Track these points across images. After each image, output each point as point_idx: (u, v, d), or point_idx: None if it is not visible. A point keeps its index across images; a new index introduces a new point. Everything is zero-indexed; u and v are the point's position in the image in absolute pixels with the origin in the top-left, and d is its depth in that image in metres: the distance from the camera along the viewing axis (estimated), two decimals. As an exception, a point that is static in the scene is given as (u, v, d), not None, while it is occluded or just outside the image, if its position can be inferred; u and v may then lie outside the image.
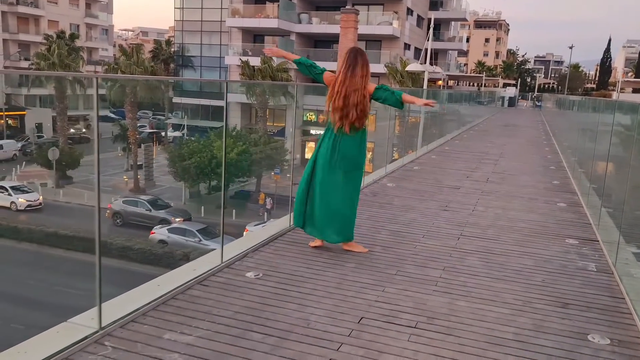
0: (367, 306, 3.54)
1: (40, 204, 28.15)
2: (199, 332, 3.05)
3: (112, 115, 57.74)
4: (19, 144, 41.32)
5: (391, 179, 8.24)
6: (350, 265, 4.29)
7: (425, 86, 23.21)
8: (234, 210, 29.14)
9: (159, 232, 22.70)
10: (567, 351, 3.08)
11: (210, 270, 3.93)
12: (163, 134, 49.89)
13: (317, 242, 4.67)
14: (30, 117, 46.78)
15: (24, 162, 38.58)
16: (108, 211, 26.53)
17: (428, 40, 24.46)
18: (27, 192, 28.76)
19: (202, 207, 29.80)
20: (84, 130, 49.91)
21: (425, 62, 24.53)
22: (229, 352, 2.86)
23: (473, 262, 4.55)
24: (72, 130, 46.03)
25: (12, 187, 28.55)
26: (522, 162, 11.34)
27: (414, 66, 24.62)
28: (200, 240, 21.93)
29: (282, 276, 3.98)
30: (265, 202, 30.38)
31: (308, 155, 39.03)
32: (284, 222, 5.26)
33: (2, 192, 27.96)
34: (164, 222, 24.83)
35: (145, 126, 52.13)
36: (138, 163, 34.79)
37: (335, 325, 3.23)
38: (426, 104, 4.49)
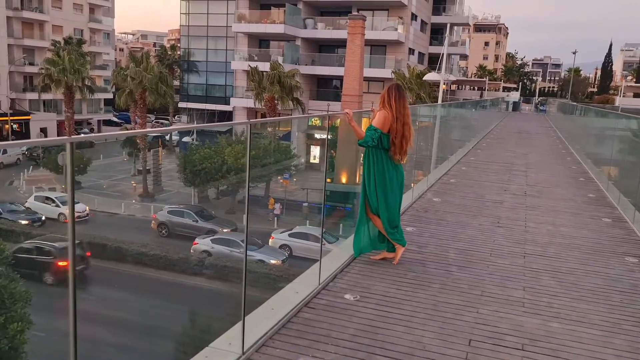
0: (469, 328, 3.76)
1: (87, 214, 27.10)
2: (329, 355, 3.26)
3: (116, 120, 57.95)
4: (23, 149, 41.25)
5: (434, 193, 8.46)
6: (436, 286, 4.51)
7: (440, 99, 23.11)
8: (244, 216, 29.35)
9: (202, 243, 21.66)
10: (670, 372, 3.31)
11: (311, 292, 4.14)
12: (167, 137, 50.02)
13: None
14: (35, 122, 46.83)
15: (30, 167, 38.65)
16: (153, 222, 25.86)
17: (444, 46, 24.66)
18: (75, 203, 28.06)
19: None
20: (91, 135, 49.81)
21: (440, 69, 24.74)
22: (364, 375, 3.07)
23: (547, 281, 4.78)
24: (81, 135, 46.03)
25: (57, 198, 27.28)
26: (550, 173, 11.58)
27: (431, 75, 24.84)
28: None
29: (378, 298, 4.20)
30: (275, 207, 30.55)
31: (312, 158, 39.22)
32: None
33: (49, 204, 26.83)
34: (210, 232, 23.77)
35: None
36: (146, 168, 34.91)
37: (449, 348, 3.45)
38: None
